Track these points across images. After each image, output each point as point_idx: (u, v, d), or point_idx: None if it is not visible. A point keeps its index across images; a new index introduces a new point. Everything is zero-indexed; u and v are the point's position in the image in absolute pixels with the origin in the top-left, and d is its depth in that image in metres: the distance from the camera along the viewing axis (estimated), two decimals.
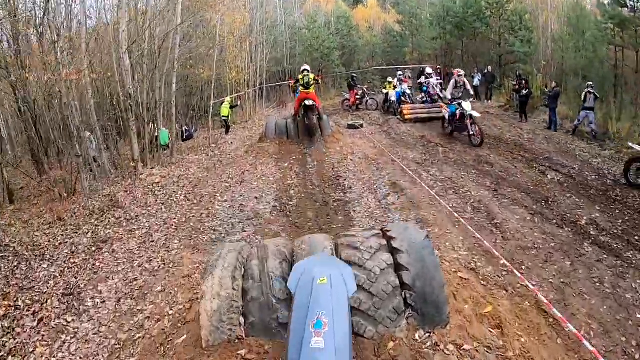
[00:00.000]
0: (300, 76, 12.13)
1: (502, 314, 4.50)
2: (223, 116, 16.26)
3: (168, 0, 13.82)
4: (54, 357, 4.63)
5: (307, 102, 11.76)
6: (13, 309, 5.45)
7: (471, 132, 11.18)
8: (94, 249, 7.07)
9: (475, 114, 11.19)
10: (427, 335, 3.64)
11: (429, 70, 16.95)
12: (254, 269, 3.88)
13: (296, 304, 2.83)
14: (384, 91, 18.00)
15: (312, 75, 12.08)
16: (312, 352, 2.42)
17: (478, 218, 6.93)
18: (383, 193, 8.33)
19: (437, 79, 16.41)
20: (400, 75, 17.73)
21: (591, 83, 11.82)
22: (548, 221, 6.72)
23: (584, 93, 11.54)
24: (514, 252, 5.87)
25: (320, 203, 8.27)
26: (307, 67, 12.44)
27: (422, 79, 16.85)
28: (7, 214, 9.59)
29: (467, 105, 11.22)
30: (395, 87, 17.23)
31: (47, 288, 5.95)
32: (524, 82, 14.24)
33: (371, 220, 7.18)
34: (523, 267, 5.55)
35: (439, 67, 21.36)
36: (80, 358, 4.57)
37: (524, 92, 13.92)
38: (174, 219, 8.04)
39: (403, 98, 16.50)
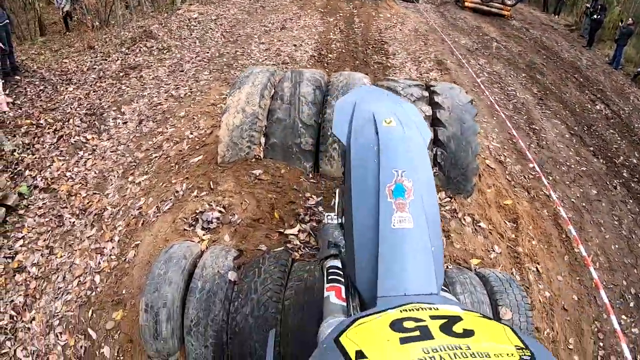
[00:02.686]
0: None
1: (520, 212, 4.17)
2: None
3: None
4: (69, 171, 4.30)
5: None
6: (35, 127, 5.00)
7: None
8: (121, 74, 6.42)
9: None
10: (448, 199, 3.26)
11: None
12: (284, 90, 3.41)
13: (354, 161, 1.50)
14: None
15: None
16: (395, 234, 1.27)
17: (517, 118, 6.20)
18: (426, 67, 7.35)
19: None
20: None
21: None
22: (585, 146, 5.99)
23: None
24: (545, 161, 5.28)
25: (360, 62, 7.38)
26: None
27: None
28: (37, 45, 8.63)
29: None
30: None
31: (71, 109, 5.43)
32: (599, 7, 12.09)
33: None
34: (550, 177, 5.00)
35: None
36: (95, 173, 4.24)
37: (597, 16, 11.89)
38: (207, 53, 7.24)
39: None
